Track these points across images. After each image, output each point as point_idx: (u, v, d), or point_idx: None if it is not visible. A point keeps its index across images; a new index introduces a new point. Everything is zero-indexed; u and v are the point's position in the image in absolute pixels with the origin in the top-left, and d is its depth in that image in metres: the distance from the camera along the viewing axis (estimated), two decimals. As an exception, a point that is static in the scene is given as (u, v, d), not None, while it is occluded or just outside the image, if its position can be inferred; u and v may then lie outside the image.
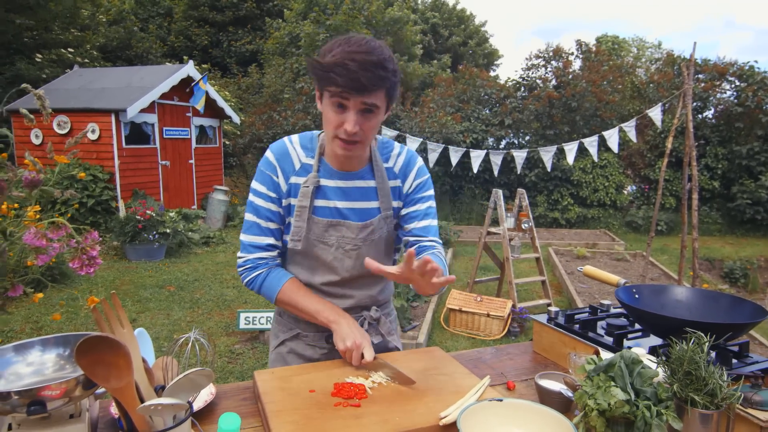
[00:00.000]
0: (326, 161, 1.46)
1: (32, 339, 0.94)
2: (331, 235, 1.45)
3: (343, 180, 1.45)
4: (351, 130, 1.29)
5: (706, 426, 1.02)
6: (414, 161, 1.53)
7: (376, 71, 1.23)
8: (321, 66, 1.25)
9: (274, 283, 1.47)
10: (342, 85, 1.24)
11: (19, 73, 11.44)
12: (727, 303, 1.42)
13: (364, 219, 1.46)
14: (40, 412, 0.79)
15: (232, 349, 4.41)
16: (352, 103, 1.27)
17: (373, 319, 1.55)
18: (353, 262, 1.48)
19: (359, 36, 1.27)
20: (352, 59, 1.21)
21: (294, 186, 1.44)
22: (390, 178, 1.50)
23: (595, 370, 1.08)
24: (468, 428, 1.07)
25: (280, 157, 1.46)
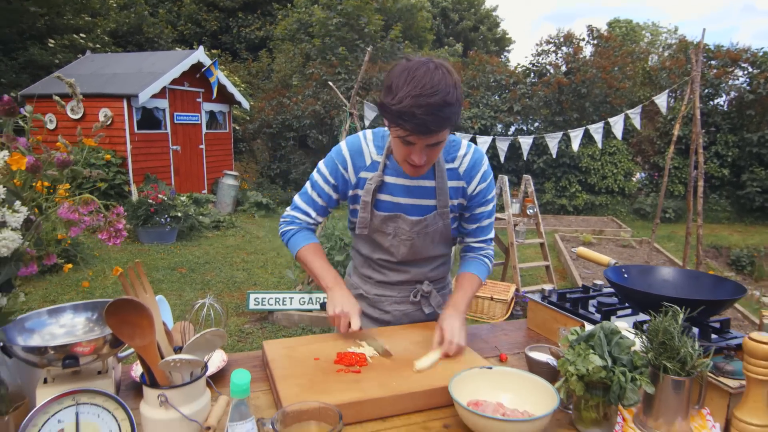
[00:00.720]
0: (393, 159, 1.55)
1: (64, 304, 1.05)
2: (388, 225, 1.59)
3: (407, 179, 1.56)
4: (419, 163, 1.39)
5: (678, 391, 1.10)
6: (479, 164, 1.59)
7: (442, 113, 1.27)
8: (390, 111, 1.29)
9: (300, 241, 1.65)
10: (410, 131, 1.30)
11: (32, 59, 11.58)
12: (710, 282, 1.49)
13: (420, 215, 1.59)
14: (73, 366, 0.90)
15: (242, 329, 4.55)
16: (418, 141, 1.34)
17: (425, 292, 1.72)
18: (407, 249, 1.63)
19: (422, 67, 1.27)
20: (419, 105, 1.24)
21: (363, 180, 1.58)
22: (452, 178, 1.58)
23: (577, 340, 1.16)
24: (458, 392, 1.16)
25: (353, 152, 1.57)
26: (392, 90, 1.29)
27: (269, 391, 1.32)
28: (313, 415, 1.06)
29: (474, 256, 1.69)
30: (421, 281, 1.72)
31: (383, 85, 1.36)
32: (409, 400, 1.21)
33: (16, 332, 0.97)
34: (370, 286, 1.75)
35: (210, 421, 0.97)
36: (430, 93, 1.25)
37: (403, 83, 1.27)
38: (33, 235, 0.87)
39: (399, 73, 1.30)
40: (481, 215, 1.65)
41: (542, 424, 1.08)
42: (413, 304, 1.74)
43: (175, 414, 0.93)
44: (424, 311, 1.73)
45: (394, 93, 1.28)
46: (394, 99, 1.27)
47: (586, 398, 1.12)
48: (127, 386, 1.30)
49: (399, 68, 1.32)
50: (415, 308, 1.74)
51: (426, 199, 1.58)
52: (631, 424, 1.17)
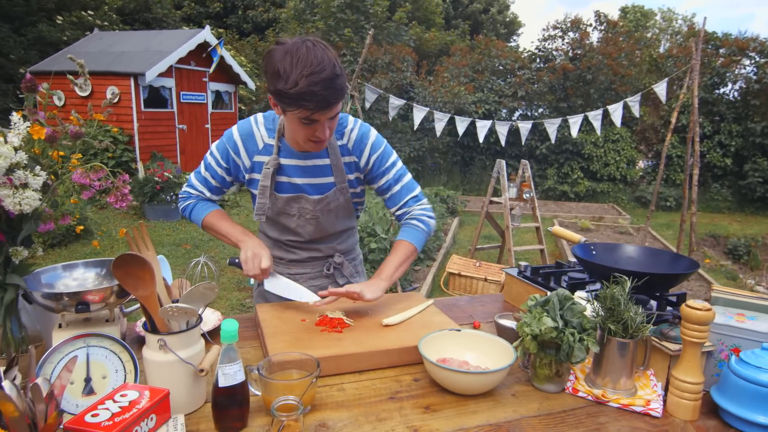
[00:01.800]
0: (286, 142, 1.58)
1: (76, 261, 1.19)
2: (292, 207, 1.64)
3: (302, 159, 1.59)
4: (325, 138, 1.43)
5: (623, 352, 1.23)
6: (366, 137, 1.63)
7: (336, 85, 1.32)
8: (288, 95, 1.30)
9: (201, 211, 1.69)
10: (313, 109, 1.33)
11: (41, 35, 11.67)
12: (669, 258, 1.62)
13: (321, 193, 1.63)
14: (85, 311, 1.03)
15: (243, 303, 4.72)
16: (322, 118, 1.38)
17: (337, 264, 1.80)
18: (314, 228, 1.69)
19: (303, 48, 1.30)
20: (315, 83, 1.28)
21: (257, 164, 1.60)
22: (344, 154, 1.62)
23: (534, 305, 1.29)
24: (428, 350, 1.30)
25: (245, 137, 1.59)
26: (281, 75, 1.30)
27: (259, 348, 1.46)
28: (295, 365, 1.20)
29: (404, 223, 1.71)
30: (331, 255, 1.79)
31: (267, 73, 1.36)
32: (384, 356, 1.35)
33: (36, 283, 1.10)
34: (283, 266, 1.79)
35: (203, 364, 1.11)
36: (320, 69, 1.29)
37: (291, 66, 1.28)
38: (50, 198, 1.00)
39: (281, 57, 1.31)
40: (387, 184, 1.67)
41: (499, 377, 1.22)
42: (327, 278, 1.81)
43: (173, 357, 1.07)
44: (339, 282, 1.81)
45: (286, 77, 1.29)
46: (288, 83, 1.28)
47: (540, 356, 1.26)
48: (132, 339, 1.44)
49: (278, 53, 1.32)
50: (329, 281, 1.81)
51: (323, 177, 1.62)
52: (582, 382, 1.30)
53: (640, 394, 1.25)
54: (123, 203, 1.04)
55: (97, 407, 0.93)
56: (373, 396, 1.22)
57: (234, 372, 1.04)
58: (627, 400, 1.22)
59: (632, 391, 1.25)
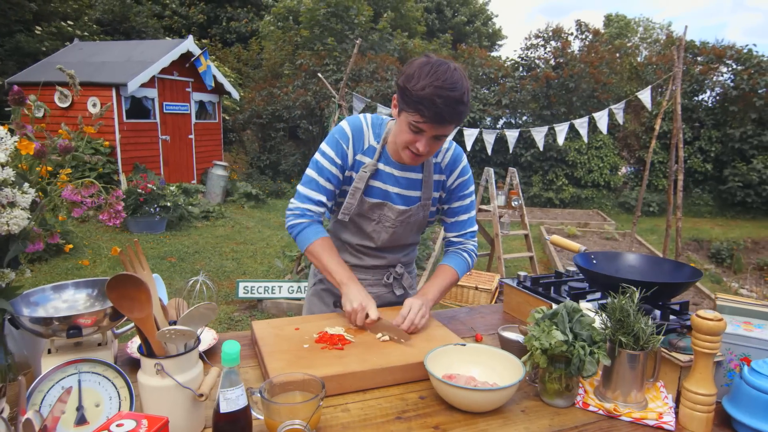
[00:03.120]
0: (387, 150, 1.63)
1: (66, 281, 1.13)
2: (374, 212, 1.65)
3: (398, 169, 1.63)
4: (423, 152, 1.46)
5: (633, 365, 1.21)
6: (460, 159, 1.69)
7: (458, 108, 1.38)
8: (411, 96, 1.37)
9: (311, 235, 1.61)
10: (426, 118, 1.38)
11: (19, 45, 11.45)
12: (671, 267, 1.60)
13: (406, 205, 1.66)
14: (77, 336, 0.97)
15: (231, 317, 4.62)
16: (429, 130, 1.42)
17: (398, 274, 1.81)
18: (389, 236, 1.70)
19: (444, 65, 1.37)
20: (439, 96, 1.34)
21: (358, 162, 1.62)
22: (435, 172, 1.67)
23: (542, 318, 1.26)
24: (433, 367, 1.26)
25: (355, 132, 1.62)
26: (414, 78, 1.37)
27: (257, 367, 1.40)
28: (298, 386, 1.15)
29: (453, 251, 1.77)
30: (394, 265, 1.81)
31: (403, 73, 1.43)
32: (388, 373, 1.30)
33: (23, 305, 1.04)
34: None
35: (202, 389, 1.06)
36: (451, 87, 1.35)
37: (426, 74, 1.36)
38: (38, 216, 0.95)
39: (421, 65, 1.39)
40: (458, 209, 1.74)
41: (508, 394, 1.18)
42: (386, 287, 1.81)
43: (171, 382, 1.01)
44: (395, 293, 1.82)
45: (417, 80, 1.36)
46: (417, 85, 1.35)
47: (549, 371, 1.22)
48: (123, 361, 1.37)
49: (420, 61, 1.40)
50: (387, 290, 1.82)
51: (412, 191, 1.66)
52: (592, 396, 1.27)
53: (651, 407, 1.22)
54: (117, 220, 0.99)
55: (91, 439, 0.88)
56: (380, 416, 1.17)
57: (236, 396, 0.99)
58: (639, 414, 1.19)
59: (643, 404, 1.22)
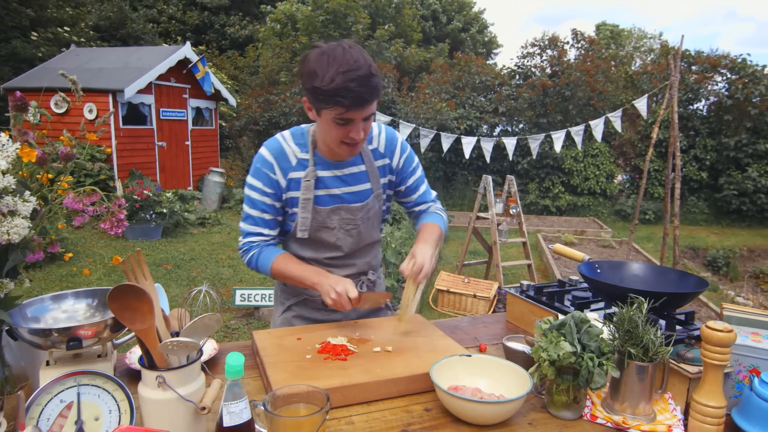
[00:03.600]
0: (319, 153, 1.57)
1: (66, 291, 1.10)
2: (332, 219, 1.59)
3: (338, 168, 1.58)
4: (361, 138, 1.43)
5: (642, 376, 1.19)
6: (395, 138, 1.67)
7: (372, 82, 1.35)
8: (324, 92, 1.33)
9: (266, 259, 1.59)
10: (348, 106, 1.34)
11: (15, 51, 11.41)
12: (676, 277, 1.59)
13: (361, 200, 1.62)
14: (76, 347, 0.95)
15: (228, 325, 4.58)
16: (356, 116, 1.38)
17: (371, 281, 1.76)
18: (354, 239, 1.65)
19: (338, 48, 1.34)
20: (351, 79, 1.31)
21: (293, 180, 1.56)
22: (377, 158, 1.64)
23: (549, 329, 1.24)
24: (439, 378, 1.24)
25: (276, 155, 1.55)
26: (318, 73, 1.33)
27: (259, 378, 1.38)
28: (302, 398, 1.12)
29: (427, 211, 1.75)
30: (365, 272, 1.75)
31: (303, 74, 1.39)
32: (393, 385, 1.28)
33: (21, 317, 1.02)
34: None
35: (205, 401, 1.03)
36: (356, 67, 1.32)
37: (327, 65, 1.32)
38: (38, 224, 0.92)
39: (317, 57, 1.35)
40: (414, 184, 1.72)
41: (516, 406, 1.16)
42: None
43: (172, 394, 0.99)
44: None
45: (322, 75, 1.32)
46: (324, 80, 1.31)
47: (557, 382, 1.21)
48: (122, 372, 1.35)
49: (315, 54, 1.36)
50: None
51: (361, 185, 1.62)
52: (600, 408, 1.26)
53: (659, 419, 1.20)
54: (119, 229, 0.97)
55: (91, 455, 0.85)
56: (385, 429, 1.15)
57: (240, 410, 0.97)
58: (648, 427, 1.17)
59: (651, 416, 1.21)
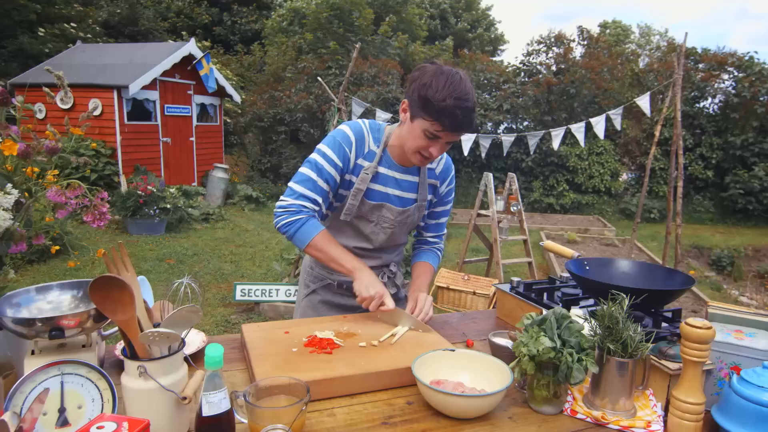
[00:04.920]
0: (388, 152, 1.69)
1: (51, 283, 1.12)
2: (373, 214, 1.70)
3: (398, 172, 1.70)
4: (435, 156, 1.55)
5: (622, 372, 1.20)
6: (451, 169, 1.83)
7: (472, 116, 1.47)
8: (433, 106, 1.43)
9: (311, 230, 1.57)
10: (446, 128, 1.46)
11: (22, 47, 11.50)
12: (663, 274, 1.59)
13: (404, 206, 1.73)
14: (59, 337, 0.97)
15: (228, 319, 4.62)
16: (445, 137, 1.50)
17: (392, 273, 1.89)
18: (386, 237, 1.76)
19: (456, 75, 1.45)
20: (459, 107, 1.42)
21: (358, 166, 1.66)
22: (430, 177, 1.78)
23: (531, 324, 1.26)
24: (421, 372, 1.25)
25: (358, 137, 1.65)
26: (432, 87, 1.43)
27: (246, 370, 1.40)
28: (283, 390, 1.14)
29: (429, 249, 1.92)
30: (388, 264, 1.88)
31: (415, 81, 1.48)
32: (376, 378, 1.29)
33: (6, 306, 1.04)
34: (337, 274, 1.79)
35: (186, 392, 1.05)
36: (467, 98, 1.43)
37: (444, 84, 1.42)
38: (23, 216, 0.95)
39: (435, 73, 1.45)
40: (441, 213, 1.89)
41: (495, 400, 1.18)
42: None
43: (154, 384, 1.00)
44: (390, 291, 1.83)
45: (437, 90, 1.42)
46: (437, 96, 1.42)
47: (537, 377, 1.22)
48: (111, 364, 1.37)
49: (433, 69, 1.47)
50: None
51: (409, 192, 1.73)
52: (580, 403, 1.27)
53: (640, 415, 1.21)
54: (101, 222, 0.99)
55: (71, 441, 0.87)
56: (365, 421, 1.16)
57: (219, 400, 0.99)
58: (627, 422, 1.18)
59: (632, 412, 1.22)
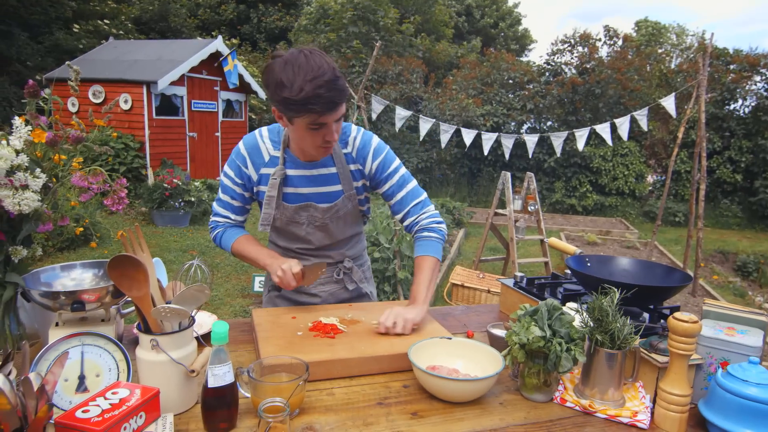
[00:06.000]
0: (291, 153, 1.63)
1: (74, 262, 1.22)
2: (301, 215, 1.67)
3: (308, 169, 1.63)
4: (334, 139, 1.48)
5: (611, 363, 1.24)
6: (369, 144, 1.67)
7: (339, 85, 1.38)
8: (295, 102, 1.35)
9: (228, 239, 1.71)
10: (321, 112, 1.38)
11: (57, 43, 11.90)
12: (662, 271, 1.62)
13: (330, 201, 1.67)
14: (80, 310, 1.06)
15: (246, 309, 4.74)
16: (330, 120, 1.42)
17: (347, 269, 1.83)
18: (323, 235, 1.72)
19: (300, 56, 1.36)
20: (319, 86, 1.33)
21: (264, 176, 1.64)
22: (349, 162, 1.67)
23: (523, 314, 1.30)
24: (418, 358, 1.31)
25: (251, 150, 1.64)
26: (286, 84, 1.34)
27: (254, 351, 1.48)
28: (285, 369, 1.22)
29: (423, 236, 1.70)
30: (341, 260, 1.83)
31: (269, 85, 1.40)
32: (374, 362, 1.36)
33: (34, 282, 1.14)
34: None
35: (194, 365, 1.13)
36: (321, 73, 1.34)
37: (293, 74, 1.34)
38: (50, 199, 1.04)
39: (281, 68, 1.36)
40: (390, 190, 1.70)
41: (487, 385, 1.23)
42: (337, 283, 1.84)
43: (165, 357, 1.09)
44: (348, 288, 1.84)
45: (290, 85, 1.34)
46: (293, 90, 1.33)
47: (528, 365, 1.27)
48: (129, 341, 1.47)
49: (278, 65, 1.37)
50: (339, 286, 1.84)
51: (331, 186, 1.66)
52: (571, 392, 1.31)
53: (628, 406, 1.25)
54: (119, 206, 1.08)
55: (88, 404, 0.96)
56: (362, 401, 1.23)
57: (223, 373, 1.07)
58: (614, 411, 1.22)
59: (620, 402, 1.25)
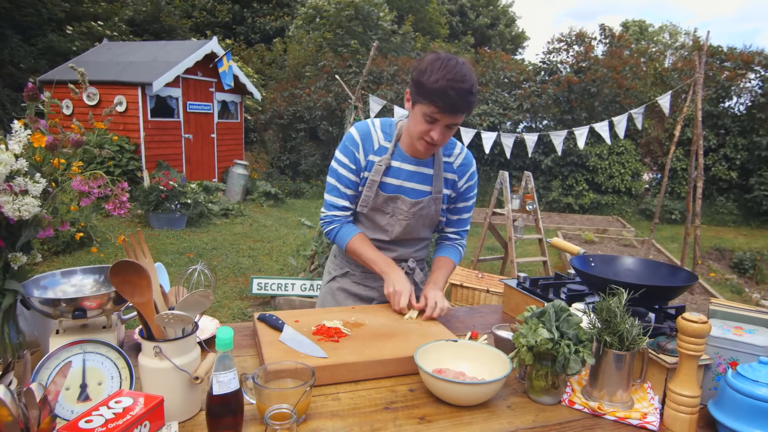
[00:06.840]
0: (400, 146, 1.76)
1: (75, 267, 1.20)
2: (389, 205, 1.77)
3: (411, 164, 1.76)
4: (437, 140, 1.59)
5: (619, 365, 1.23)
6: (471, 164, 1.86)
7: (468, 98, 1.51)
8: (426, 88, 1.49)
9: (345, 235, 1.80)
10: (441, 109, 1.51)
11: (51, 45, 11.82)
12: (667, 271, 1.61)
13: (418, 197, 1.78)
14: (81, 317, 1.04)
15: (244, 312, 4.72)
16: (442, 120, 1.55)
17: (410, 269, 1.92)
18: (402, 229, 1.81)
19: (453, 60, 1.51)
20: (452, 88, 1.46)
21: (370, 162, 1.75)
22: (447, 170, 1.81)
23: (530, 316, 1.29)
24: (424, 361, 1.30)
25: (364, 137, 1.75)
26: (426, 72, 1.49)
27: (257, 356, 1.46)
28: (290, 374, 1.20)
29: (450, 244, 1.93)
30: (406, 259, 1.90)
31: (414, 69, 1.55)
32: (380, 366, 1.34)
33: (34, 288, 1.12)
34: (356, 264, 1.90)
35: (198, 372, 1.11)
36: (462, 80, 1.48)
37: (438, 68, 1.48)
38: (50, 204, 1.02)
39: (432, 60, 1.51)
40: (462, 209, 1.90)
41: (494, 388, 1.21)
42: None
43: (168, 364, 1.07)
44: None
45: (430, 73, 1.48)
46: (431, 78, 1.48)
47: (536, 368, 1.25)
48: (130, 347, 1.45)
49: (431, 57, 1.53)
50: None
51: (424, 185, 1.78)
52: (579, 394, 1.30)
53: (636, 407, 1.24)
54: (121, 210, 1.06)
55: (91, 413, 0.94)
56: (369, 406, 1.21)
57: (228, 380, 1.05)
58: (623, 413, 1.21)
59: (629, 404, 1.24)
